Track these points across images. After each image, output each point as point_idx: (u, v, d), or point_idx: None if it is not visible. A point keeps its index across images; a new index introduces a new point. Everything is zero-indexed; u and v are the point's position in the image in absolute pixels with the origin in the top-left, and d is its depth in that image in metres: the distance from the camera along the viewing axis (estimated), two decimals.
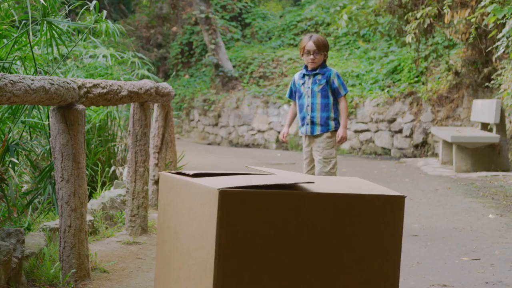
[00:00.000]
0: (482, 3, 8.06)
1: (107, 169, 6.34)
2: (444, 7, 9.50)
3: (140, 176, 4.83)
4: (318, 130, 5.07)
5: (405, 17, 10.64)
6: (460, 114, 11.52)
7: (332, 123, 5.08)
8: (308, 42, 5.03)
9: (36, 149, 5.36)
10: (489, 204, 6.61)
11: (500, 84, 9.30)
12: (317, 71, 5.10)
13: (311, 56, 5.03)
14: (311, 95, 5.07)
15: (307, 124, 5.10)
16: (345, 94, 5.13)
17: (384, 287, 2.19)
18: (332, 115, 5.07)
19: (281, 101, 14.37)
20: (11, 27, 4.86)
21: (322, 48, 5.04)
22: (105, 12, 5.34)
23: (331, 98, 5.07)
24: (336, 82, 5.07)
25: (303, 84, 5.13)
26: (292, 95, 5.28)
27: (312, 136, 5.16)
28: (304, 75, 5.15)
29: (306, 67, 5.14)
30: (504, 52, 8.16)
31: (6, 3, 4.93)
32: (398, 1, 10.74)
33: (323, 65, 5.11)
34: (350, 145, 12.89)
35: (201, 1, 16.26)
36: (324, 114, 5.05)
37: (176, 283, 2.33)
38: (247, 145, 14.82)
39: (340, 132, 5.08)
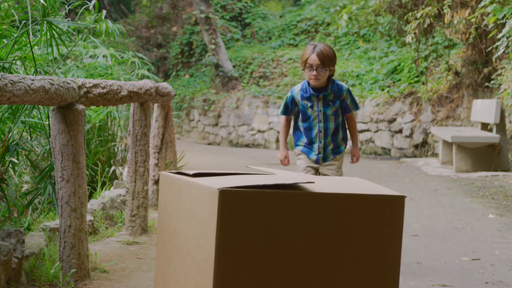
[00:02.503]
0: (482, 3, 8.06)
1: (107, 169, 6.34)
2: (444, 7, 9.50)
3: (140, 176, 4.83)
4: (330, 157, 4.35)
5: (405, 17, 10.64)
6: (460, 114, 11.52)
7: (342, 145, 4.40)
8: (311, 55, 4.14)
9: (36, 149, 5.36)
10: (489, 204, 6.61)
11: (500, 84, 9.30)
12: (328, 90, 4.24)
13: (314, 72, 4.14)
14: (323, 120, 4.27)
15: (319, 153, 4.31)
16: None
17: (384, 287, 2.19)
18: (341, 135, 4.38)
19: (281, 101, 14.38)
20: (11, 27, 4.86)
21: (328, 62, 4.14)
22: (104, 11, 5.34)
23: (340, 117, 4.34)
24: (348, 100, 4.30)
25: (311, 106, 4.26)
26: (287, 112, 4.38)
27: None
28: (311, 96, 4.25)
29: (308, 82, 4.27)
30: (504, 52, 8.16)
31: (6, 3, 4.93)
32: (398, 1, 10.73)
33: (330, 80, 4.25)
34: (350, 145, 12.88)
35: (201, 1, 16.26)
36: (335, 137, 4.34)
37: (176, 283, 2.33)
38: (247, 145, 14.82)
39: (355, 153, 4.47)
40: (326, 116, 4.28)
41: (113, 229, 4.98)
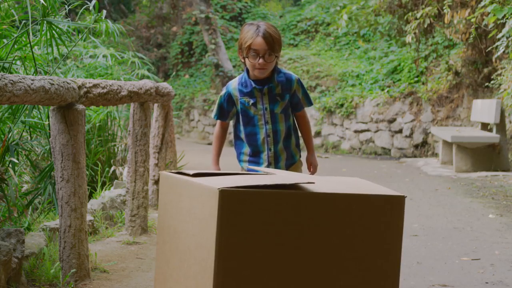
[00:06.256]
0: (482, 3, 8.06)
1: (107, 169, 6.34)
2: (444, 7, 9.50)
3: (140, 176, 4.83)
4: (283, 169, 3.37)
5: (405, 17, 10.64)
6: (460, 114, 11.52)
7: (297, 153, 3.46)
8: (256, 38, 3.23)
9: (36, 149, 5.35)
10: (489, 204, 6.61)
11: (500, 84, 9.30)
12: (274, 81, 3.33)
13: (260, 60, 3.24)
14: (271, 120, 3.33)
15: (269, 164, 3.36)
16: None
17: (385, 287, 2.19)
18: (294, 140, 3.43)
19: None
20: (11, 27, 4.86)
21: (277, 47, 3.27)
22: (104, 11, 5.35)
23: (291, 117, 3.41)
24: (299, 93, 3.39)
25: (253, 104, 3.34)
26: (223, 115, 3.45)
27: None
28: (253, 90, 3.33)
29: (247, 73, 3.37)
30: (504, 52, 8.16)
31: (6, 3, 4.93)
32: (398, 1, 10.73)
33: (276, 69, 3.35)
34: (350, 145, 12.89)
35: (201, 1, 16.26)
36: (288, 143, 3.40)
37: (176, 282, 2.33)
38: None
39: (312, 161, 3.48)
40: (274, 115, 3.34)
41: (113, 229, 4.98)
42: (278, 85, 3.32)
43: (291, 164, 3.41)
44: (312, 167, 3.47)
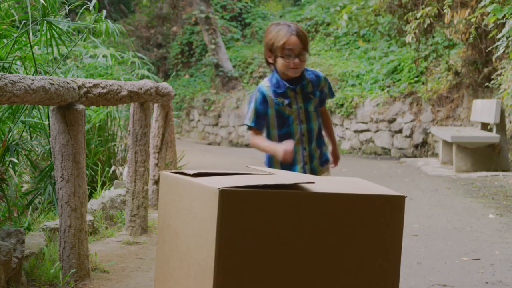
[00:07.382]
0: (482, 3, 8.06)
1: (107, 169, 6.34)
2: (444, 7, 9.50)
3: (140, 176, 4.83)
4: (319, 168, 3.34)
5: (405, 17, 10.64)
6: (460, 114, 11.52)
7: (327, 150, 3.43)
8: (290, 37, 3.14)
9: (36, 149, 5.35)
10: (489, 204, 6.61)
11: (500, 84, 9.30)
12: (305, 79, 3.27)
13: (296, 60, 3.16)
14: (305, 119, 3.27)
15: (305, 164, 3.29)
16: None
17: (385, 287, 2.19)
18: (323, 138, 3.42)
19: None
20: (11, 27, 4.86)
21: (307, 45, 3.22)
22: (104, 11, 5.35)
23: (319, 114, 3.39)
24: (326, 89, 3.37)
25: (288, 104, 3.24)
26: (260, 122, 3.27)
27: None
28: (287, 90, 3.23)
29: (277, 74, 3.25)
30: (504, 52, 8.16)
31: (6, 3, 4.93)
32: (398, 1, 10.74)
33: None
34: (350, 145, 12.89)
35: (201, 1, 16.26)
36: (320, 142, 3.37)
37: (176, 282, 2.33)
38: (247, 145, 14.82)
39: (337, 154, 3.51)
40: (308, 113, 3.28)
41: (113, 229, 4.98)
42: (309, 83, 3.28)
43: (325, 162, 3.36)
44: (338, 161, 3.48)
